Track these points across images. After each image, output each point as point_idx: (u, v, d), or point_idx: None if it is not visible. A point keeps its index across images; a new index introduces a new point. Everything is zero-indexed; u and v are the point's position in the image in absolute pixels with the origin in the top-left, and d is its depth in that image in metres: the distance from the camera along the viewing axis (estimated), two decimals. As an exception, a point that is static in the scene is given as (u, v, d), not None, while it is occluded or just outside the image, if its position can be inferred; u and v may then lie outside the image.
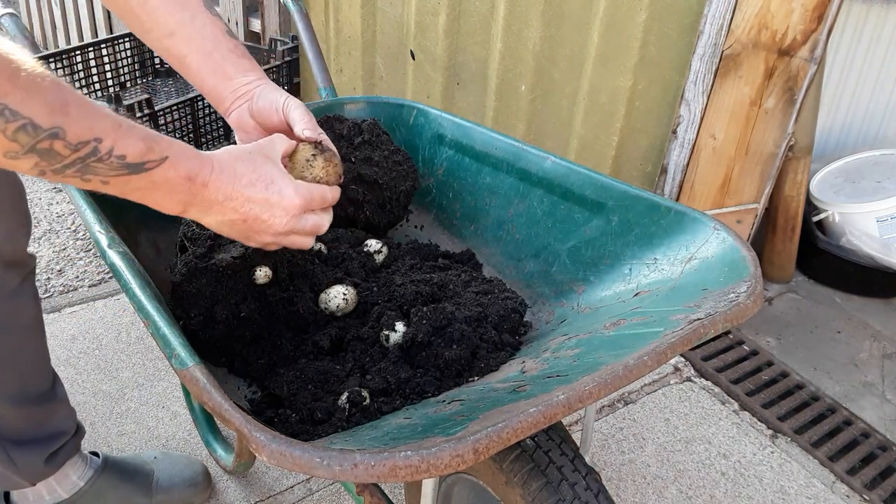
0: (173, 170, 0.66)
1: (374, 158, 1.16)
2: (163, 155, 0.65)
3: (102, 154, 0.60)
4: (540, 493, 0.74)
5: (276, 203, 0.74)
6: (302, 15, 1.45)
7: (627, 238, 0.95)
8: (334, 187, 0.82)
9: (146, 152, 0.63)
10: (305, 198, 0.76)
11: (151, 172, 0.64)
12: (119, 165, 0.62)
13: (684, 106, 1.61)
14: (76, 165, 0.60)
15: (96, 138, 0.60)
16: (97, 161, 0.60)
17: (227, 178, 0.70)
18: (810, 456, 1.47)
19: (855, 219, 1.98)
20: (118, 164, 0.62)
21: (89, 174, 0.61)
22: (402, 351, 0.88)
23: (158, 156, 0.64)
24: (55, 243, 2.00)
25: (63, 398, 1.05)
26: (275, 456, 0.54)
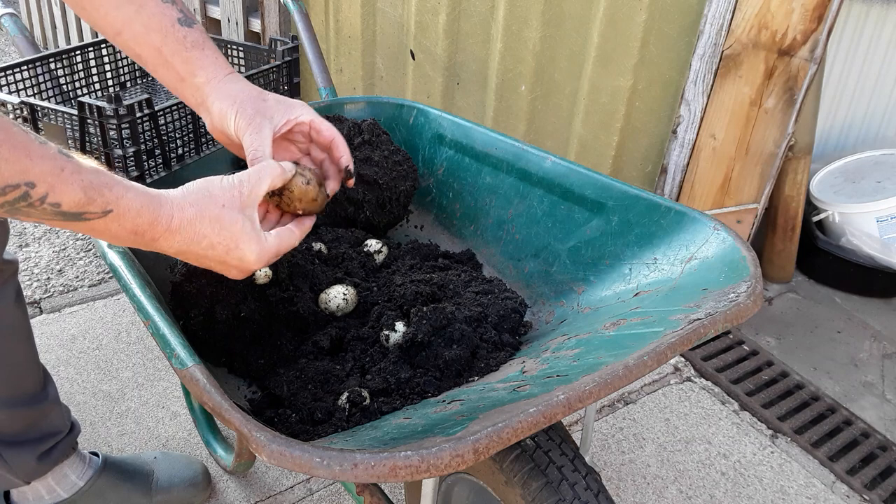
0: (116, 224, 0.61)
1: (374, 158, 1.16)
2: (106, 208, 0.59)
3: (34, 200, 0.56)
4: (540, 493, 0.74)
5: (233, 266, 0.70)
6: (302, 15, 1.45)
7: (627, 238, 0.95)
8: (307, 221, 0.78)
9: (86, 203, 0.58)
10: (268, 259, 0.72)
11: (91, 223, 0.60)
12: (53, 212, 0.57)
13: (684, 106, 1.61)
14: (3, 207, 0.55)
15: (28, 183, 0.55)
16: (28, 206, 0.56)
17: (182, 238, 0.66)
18: (810, 456, 1.47)
19: (855, 219, 1.98)
20: (52, 210, 0.57)
21: (19, 215, 0.57)
22: (402, 351, 0.88)
23: (100, 209, 0.59)
24: (55, 243, 2.00)
25: (55, 398, 1.05)
26: (275, 456, 0.54)
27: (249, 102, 0.78)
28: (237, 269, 0.71)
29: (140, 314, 0.74)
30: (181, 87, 0.79)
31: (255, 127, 0.77)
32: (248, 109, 0.77)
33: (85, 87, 1.28)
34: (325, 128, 0.84)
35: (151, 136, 1.02)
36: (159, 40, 0.77)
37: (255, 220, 0.70)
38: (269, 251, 0.72)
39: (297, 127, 0.83)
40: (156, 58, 0.78)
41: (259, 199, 0.71)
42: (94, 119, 0.94)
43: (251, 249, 0.70)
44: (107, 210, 0.60)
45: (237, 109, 0.77)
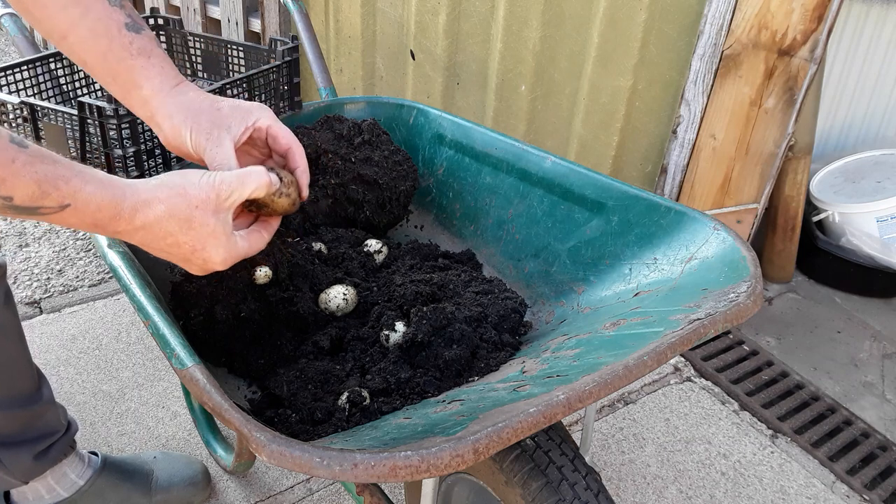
0: (75, 218, 0.59)
1: (374, 158, 1.16)
2: (63, 202, 0.57)
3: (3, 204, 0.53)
4: (540, 493, 0.74)
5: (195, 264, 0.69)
6: (302, 15, 1.45)
7: (627, 238, 0.95)
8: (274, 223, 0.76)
9: (40, 197, 0.55)
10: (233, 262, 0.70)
11: (48, 216, 0.57)
12: (5, 206, 0.55)
13: (684, 106, 1.61)
14: None
15: None
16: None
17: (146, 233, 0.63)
18: (810, 456, 1.47)
19: (855, 219, 1.98)
20: (3, 204, 0.55)
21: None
22: (402, 351, 0.88)
23: (56, 203, 0.57)
24: (55, 243, 2.00)
25: (50, 399, 1.05)
26: (275, 456, 0.54)
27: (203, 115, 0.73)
28: (199, 268, 0.69)
29: (140, 314, 0.74)
30: (128, 99, 0.74)
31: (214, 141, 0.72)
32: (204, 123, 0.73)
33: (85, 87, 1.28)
34: (281, 134, 0.78)
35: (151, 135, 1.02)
36: (105, 45, 0.72)
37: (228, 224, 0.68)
38: (237, 255, 0.70)
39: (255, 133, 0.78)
40: (101, 65, 0.73)
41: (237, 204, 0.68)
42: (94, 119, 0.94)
43: (218, 252, 0.68)
44: (63, 204, 0.57)
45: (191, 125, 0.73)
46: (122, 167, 0.93)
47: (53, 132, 0.98)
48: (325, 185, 1.13)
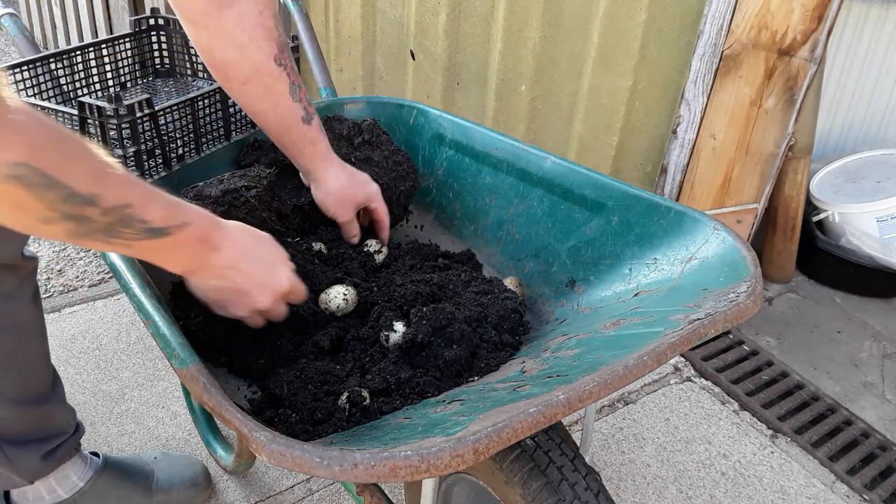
0: (191, 233, 0.71)
1: (374, 158, 1.16)
2: (185, 221, 0.69)
3: (130, 219, 0.64)
4: (540, 493, 0.74)
5: (269, 284, 0.81)
6: (302, 15, 1.45)
7: (627, 238, 0.95)
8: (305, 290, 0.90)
9: (168, 218, 0.67)
10: (292, 288, 0.84)
11: (174, 237, 0.69)
12: (143, 230, 0.65)
13: (684, 106, 1.61)
14: (104, 231, 0.63)
15: (126, 204, 0.63)
16: (124, 226, 0.64)
17: (236, 249, 0.77)
18: (810, 456, 1.47)
19: (855, 219, 1.98)
20: (142, 228, 0.65)
21: (114, 238, 0.64)
22: (402, 351, 0.88)
23: (180, 221, 0.69)
24: (55, 243, 2.00)
25: (62, 399, 1.05)
26: (275, 456, 0.54)
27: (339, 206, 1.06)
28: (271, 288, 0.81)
29: (140, 314, 0.74)
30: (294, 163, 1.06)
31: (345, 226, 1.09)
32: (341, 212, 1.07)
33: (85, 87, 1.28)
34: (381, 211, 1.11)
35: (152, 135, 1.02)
36: (285, 130, 0.99)
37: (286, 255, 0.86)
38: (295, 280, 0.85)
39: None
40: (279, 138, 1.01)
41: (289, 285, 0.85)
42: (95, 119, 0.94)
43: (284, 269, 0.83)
44: (186, 222, 0.70)
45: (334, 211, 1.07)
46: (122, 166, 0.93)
47: (53, 132, 0.97)
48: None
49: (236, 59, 0.92)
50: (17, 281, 0.91)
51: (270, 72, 0.94)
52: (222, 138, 1.16)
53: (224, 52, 0.91)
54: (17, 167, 0.54)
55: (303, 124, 0.99)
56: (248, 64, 0.92)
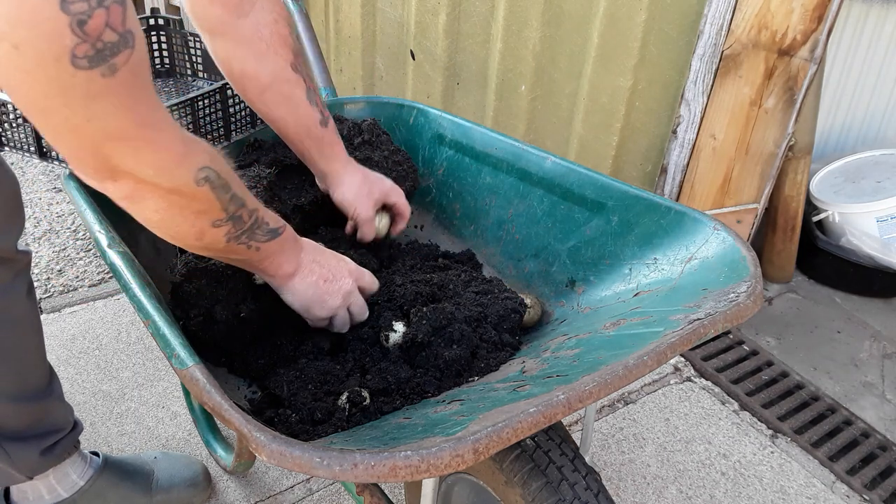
0: (289, 233, 0.81)
1: (374, 158, 1.16)
2: (280, 222, 0.79)
3: (260, 221, 0.74)
4: (540, 493, 0.74)
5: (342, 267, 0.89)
6: (302, 15, 1.45)
7: (627, 238, 0.95)
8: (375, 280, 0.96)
9: (276, 220, 0.78)
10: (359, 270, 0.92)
11: (281, 236, 0.78)
12: (266, 231, 0.75)
13: (684, 106, 1.61)
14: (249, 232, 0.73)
15: (256, 208, 0.73)
16: (257, 227, 0.73)
17: (311, 246, 0.87)
18: (810, 456, 1.47)
19: (855, 219, 1.98)
20: (266, 229, 0.75)
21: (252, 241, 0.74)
22: (402, 351, 0.88)
23: (281, 223, 0.79)
24: (55, 243, 2.00)
25: (59, 396, 1.05)
26: (275, 456, 0.54)
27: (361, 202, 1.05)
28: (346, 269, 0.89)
29: (140, 314, 0.74)
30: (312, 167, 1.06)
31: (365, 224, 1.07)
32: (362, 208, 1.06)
33: (85, 87, 1.28)
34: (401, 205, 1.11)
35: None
36: (304, 133, 1.01)
37: None
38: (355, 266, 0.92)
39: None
40: (298, 146, 1.03)
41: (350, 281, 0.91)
42: (95, 119, 0.94)
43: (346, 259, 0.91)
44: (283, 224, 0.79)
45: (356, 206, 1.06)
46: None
47: (53, 132, 0.97)
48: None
49: (255, 68, 0.94)
50: (11, 275, 0.91)
51: (288, 78, 0.96)
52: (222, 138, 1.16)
53: (243, 63, 0.93)
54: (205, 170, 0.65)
55: (320, 127, 1.01)
56: (266, 73, 0.94)
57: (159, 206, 0.64)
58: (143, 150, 0.59)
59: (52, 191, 2.23)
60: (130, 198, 0.63)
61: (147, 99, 0.59)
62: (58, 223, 2.09)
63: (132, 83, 0.56)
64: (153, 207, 0.64)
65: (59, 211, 2.14)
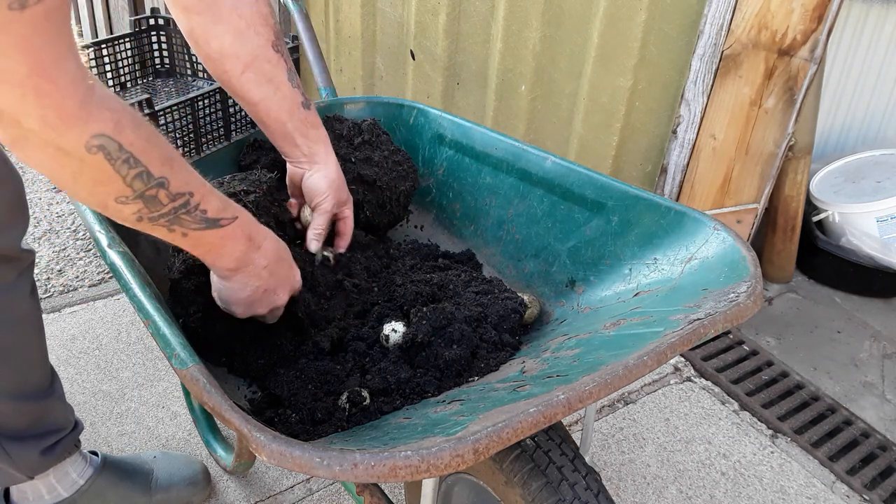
0: (240, 229, 0.75)
1: (374, 158, 1.16)
2: (234, 215, 0.74)
3: (191, 207, 0.68)
4: (540, 493, 0.74)
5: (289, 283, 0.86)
6: (302, 15, 1.45)
7: (627, 238, 0.95)
8: None
9: (222, 210, 0.72)
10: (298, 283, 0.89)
11: (223, 229, 0.73)
12: (200, 219, 0.70)
13: (684, 106, 1.61)
14: (169, 216, 0.67)
15: (189, 192, 0.67)
16: (185, 213, 0.68)
17: (270, 250, 0.82)
18: (810, 456, 1.47)
19: (855, 219, 1.98)
20: (200, 217, 0.70)
21: (176, 225, 0.68)
22: (402, 351, 0.88)
23: (231, 215, 0.73)
24: (55, 243, 2.00)
25: (60, 395, 1.05)
26: (275, 456, 0.54)
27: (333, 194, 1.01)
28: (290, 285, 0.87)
29: (140, 314, 0.74)
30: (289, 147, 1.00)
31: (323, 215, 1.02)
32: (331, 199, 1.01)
33: (85, 87, 1.28)
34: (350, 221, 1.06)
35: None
36: (286, 117, 0.96)
37: None
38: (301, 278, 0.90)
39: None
40: (279, 128, 0.98)
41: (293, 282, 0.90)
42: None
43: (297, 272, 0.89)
44: (235, 216, 0.74)
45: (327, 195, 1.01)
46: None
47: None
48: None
49: (234, 45, 0.90)
50: (15, 273, 0.91)
51: (269, 58, 0.93)
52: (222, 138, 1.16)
53: (221, 40, 0.90)
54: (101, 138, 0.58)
55: (303, 109, 0.98)
56: (246, 50, 0.91)
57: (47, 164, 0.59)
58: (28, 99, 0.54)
59: (52, 191, 2.23)
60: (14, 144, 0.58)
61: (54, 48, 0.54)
62: (58, 223, 2.09)
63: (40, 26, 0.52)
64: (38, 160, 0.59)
65: (59, 211, 2.14)
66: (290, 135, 0.99)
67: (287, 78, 0.95)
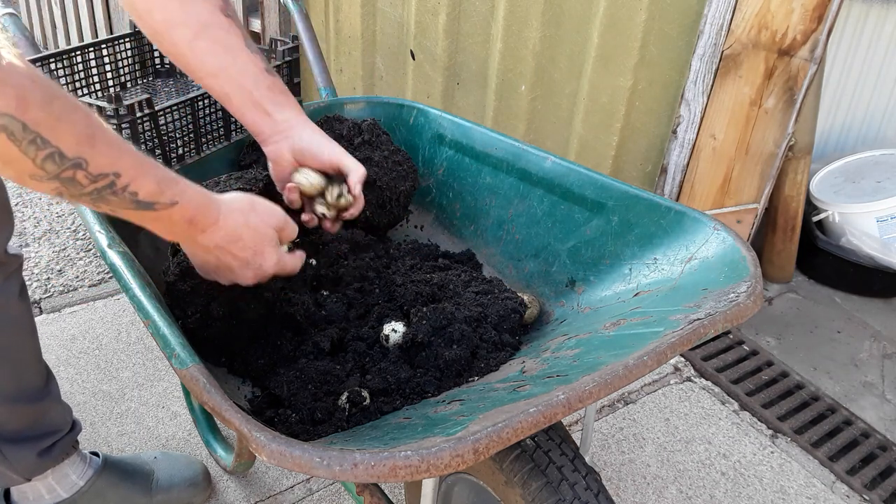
0: (178, 213, 0.70)
1: (374, 159, 1.16)
2: (173, 200, 0.68)
3: (118, 188, 0.63)
4: (540, 493, 0.74)
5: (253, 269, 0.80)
6: (302, 15, 1.45)
7: (627, 238, 0.95)
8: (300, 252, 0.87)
9: (158, 194, 0.67)
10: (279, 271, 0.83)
11: (158, 212, 0.68)
12: (130, 201, 0.65)
13: (684, 106, 1.61)
14: (92, 195, 0.63)
15: (115, 173, 0.62)
16: (112, 194, 0.63)
17: (224, 235, 0.75)
18: (810, 456, 1.47)
19: (855, 219, 1.98)
20: (129, 199, 0.65)
21: (101, 203, 0.64)
22: (402, 351, 0.88)
23: (169, 199, 0.68)
24: (55, 243, 2.00)
25: (56, 396, 1.05)
26: (275, 456, 0.54)
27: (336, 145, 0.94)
28: (253, 272, 0.80)
29: (140, 314, 0.74)
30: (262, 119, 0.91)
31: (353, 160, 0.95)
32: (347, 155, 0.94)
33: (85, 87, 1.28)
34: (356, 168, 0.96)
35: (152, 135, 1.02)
36: (251, 84, 0.89)
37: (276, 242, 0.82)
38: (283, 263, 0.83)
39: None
40: (246, 98, 0.89)
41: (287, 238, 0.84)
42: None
43: (270, 257, 0.80)
44: (174, 202, 0.68)
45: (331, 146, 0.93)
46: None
47: (53, 132, 0.97)
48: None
49: (180, 13, 0.84)
50: (2, 277, 0.91)
51: (221, 24, 0.86)
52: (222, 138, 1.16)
53: (165, 9, 0.83)
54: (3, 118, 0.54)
55: (269, 74, 0.91)
56: (194, 18, 0.84)
57: None
58: None
59: (52, 191, 2.23)
60: None
61: None
62: (58, 223, 2.09)
63: None
64: None
65: (59, 211, 2.14)
66: (260, 103, 0.90)
67: (245, 44, 0.89)
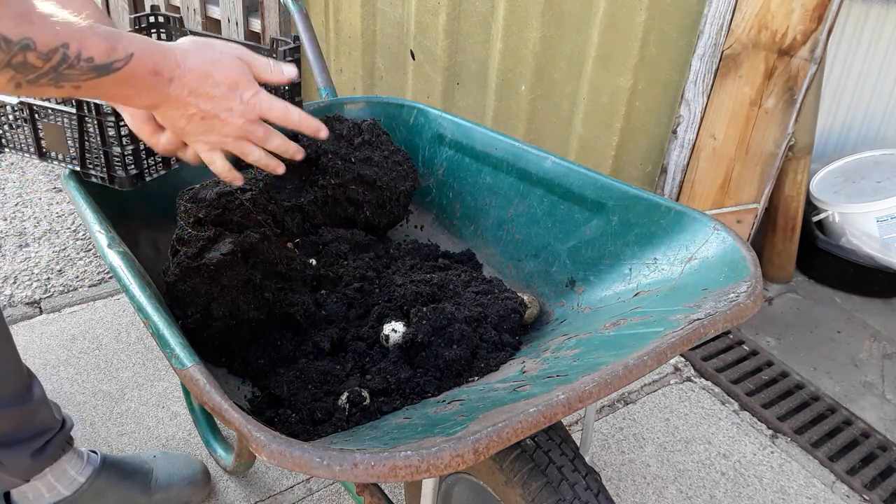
0: (140, 66, 0.66)
1: (374, 158, 1.16)
2: (128, 51, 0.65)
3: (72, 59, 0.61)
4: (540, 493, 0.74)
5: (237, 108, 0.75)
6: (302, 15, 1.45)
7: (627, 238, 0.95)
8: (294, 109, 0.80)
9: (111, 51, 0.63)
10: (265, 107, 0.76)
11: (119, 72, 0.64)
12: (88, 69, 0.62)
13: (684, 106, 1.61)
14: (49, 75, 0.60)
15: (63, 44, 0.60)
16: (68, 68, 0.61)
17: (193, 76, 0.71)
18: (810, 456, 1.47)
19: (855, 219, 1.98)
20: (87, 67, 0.62)
21: (62, 81, 0.62)
22: (402, 351, 0.88)
23: (124, 54, 0.65)
24: (55, 243, 2.00)
25: (41, 397, 1.05)
26: (275, 456, 0.54)
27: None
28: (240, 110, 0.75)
29: (140, 314, 0.74)
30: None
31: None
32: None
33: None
34: None
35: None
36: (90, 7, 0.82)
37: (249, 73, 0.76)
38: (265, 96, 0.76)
39: None
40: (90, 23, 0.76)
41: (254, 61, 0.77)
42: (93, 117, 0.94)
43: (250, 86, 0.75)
44: (129, 53, 0.65)
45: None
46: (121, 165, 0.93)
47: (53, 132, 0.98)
48: (325, 185, 1.13)
49: None
50: None
51: None
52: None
53: None
54: None
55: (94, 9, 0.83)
56: None
57: None
58: None
59: (52, 191, 2.23)
60: None
61: None
62: (58, 223, 2.09)
63: None
64: None
65: (59, 211, 2.14)
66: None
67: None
